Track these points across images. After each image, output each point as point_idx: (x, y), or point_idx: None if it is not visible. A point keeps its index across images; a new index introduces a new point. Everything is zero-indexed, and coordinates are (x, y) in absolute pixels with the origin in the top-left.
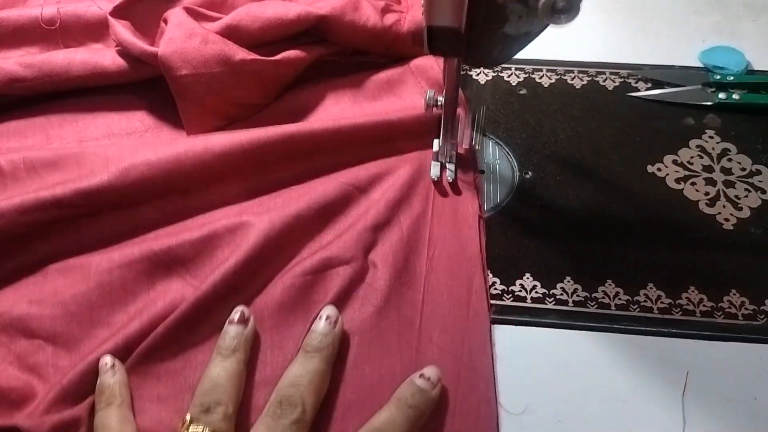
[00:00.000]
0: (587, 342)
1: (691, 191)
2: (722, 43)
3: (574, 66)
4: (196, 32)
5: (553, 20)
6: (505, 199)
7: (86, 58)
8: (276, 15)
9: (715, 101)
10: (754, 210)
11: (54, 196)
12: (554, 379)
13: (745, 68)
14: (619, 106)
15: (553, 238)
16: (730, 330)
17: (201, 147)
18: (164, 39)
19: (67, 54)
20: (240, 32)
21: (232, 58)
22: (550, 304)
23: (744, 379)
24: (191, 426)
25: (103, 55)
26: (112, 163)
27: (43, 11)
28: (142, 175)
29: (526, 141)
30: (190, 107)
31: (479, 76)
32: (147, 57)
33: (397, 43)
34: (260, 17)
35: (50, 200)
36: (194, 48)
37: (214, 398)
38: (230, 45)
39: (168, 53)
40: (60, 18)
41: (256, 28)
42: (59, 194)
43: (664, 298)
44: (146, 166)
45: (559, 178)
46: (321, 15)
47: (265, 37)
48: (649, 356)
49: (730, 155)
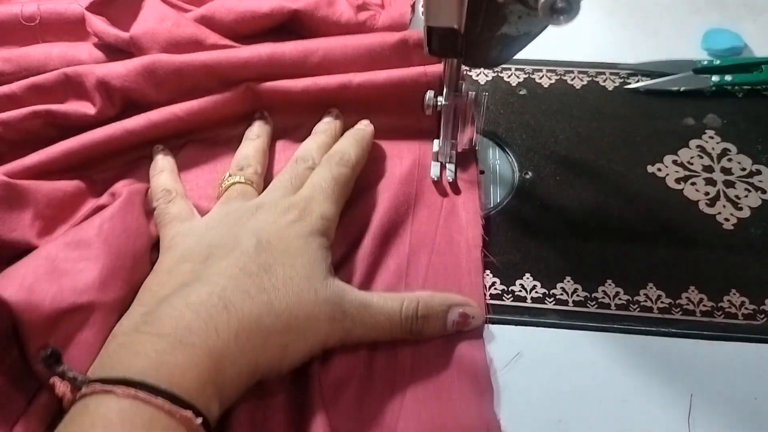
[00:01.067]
0: (587, 342)
1: (691, 191)
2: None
3: (574, 66)
4: (169, 16)
5: (552, 20)
6: (505, 200)
7: (64, 51)
8: (250, 8)
9: (709, 84)
10: (754, 210)
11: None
12: (554, 379)
13: (740, 51)
14: (619, 106)
15: (553, 238)
16: (730, 330)
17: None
18: (137, 21)
19: (45, 48)
20: (214, 23)
21: (203, 42)
22: (550, 304)
23: (744, 378)
24: (229, 178)
25: (81, 49)
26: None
27: (24, 8)
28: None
29: (526, 141)
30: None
31: (479, 77)
32: (121, 43)
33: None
34: (234, 10)
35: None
36: (166, 30)
37: (246, 162)
38: (203, 29)
39: (139, 34)
40: (40, 15)
41: (230, 20)
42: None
43: (664, 298)
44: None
45: (559, 179)
46: (294, 9)
47: (239, 29)
48: (650, 356)
49: (730, 155)
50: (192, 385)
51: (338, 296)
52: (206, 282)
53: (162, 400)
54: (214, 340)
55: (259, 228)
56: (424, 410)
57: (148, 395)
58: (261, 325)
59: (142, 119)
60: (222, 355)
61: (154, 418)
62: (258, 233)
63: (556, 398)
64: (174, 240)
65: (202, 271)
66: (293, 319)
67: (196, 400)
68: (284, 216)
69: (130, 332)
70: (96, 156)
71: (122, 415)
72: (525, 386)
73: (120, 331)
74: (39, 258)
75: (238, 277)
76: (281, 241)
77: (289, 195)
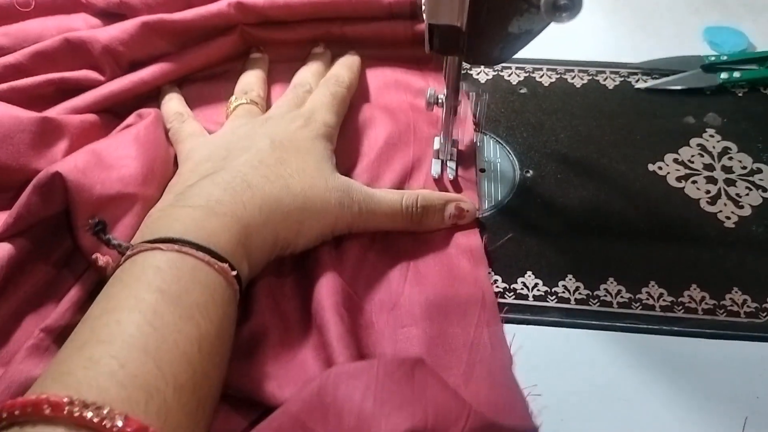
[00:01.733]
0: (589, 340)
1: (692, 189)
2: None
3: (575, 65)
4: None
5: (555, 18)
6: (506, 198)
7: (59, 23)
8: None
9: (717, 82)
10: (755, 208)
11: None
12: (556, 377)
13: (744, 49)
14: (620, 104)
15: (555, 237)
16: (732, 328)
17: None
18: None
19: (41, 21)
20: None
21: (191, 1)
22: (552, 302)
23: (746, 377)
24: (235, 101)
25: (76, 20)
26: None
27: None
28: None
29: (526, 140)
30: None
31: (480, 75)
32: (113, 6)
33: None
34: None
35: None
36: None
37: (249, 87)
38: None
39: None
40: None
41: None
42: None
43: (666, 296)
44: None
45: (560, 177)
46: None
47: None
48: (652, 354)
49: (730, 153)
50: (227, 246)
51: (346, 185)
52: (230, 170)
53: (202, 254)
54: (241, 211)
55: (271, 131)
56: (426, 279)
57: (190, 249)
58: (281, 202)
59: (156, 68)
60: (249, 224)
61: (197, 268)
62: (271, 135)
63: (557, 397)
64: (191, 152)
65: (224, 165)
66: (308, 200)
67: (231, 257)
68: (292, 123)
69: (166, 208)
70: (112, 106)
71: (169, 263)
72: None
73: (156, 209)
74: (87, 152)
75: (258, 167)
76: (292, 143)
77: (293, 110)
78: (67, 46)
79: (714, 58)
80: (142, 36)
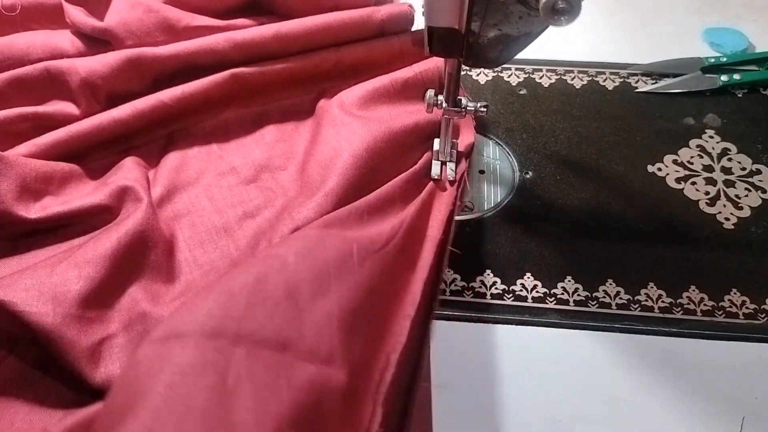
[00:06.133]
0: (588, 341)
1: (691, 191)
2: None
3: (574, 66)
4: (140, 2)
5: (553, 21)
6: (506, 199)
7: (46, 40)
8: None
9: (718, 85)
10: (754, 209)
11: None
12: (555, 378)
13: (744, 49)
14: (619, 106)
15: (554, 238)
16: (731, 329)
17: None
18: (109, 12)
19: (29, 37)
20: (185, 2)
21: (176, 26)
22: (551, 303)
23: (744, 377)
24: None
25: (62, 38)
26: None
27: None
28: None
29: (526, 141)
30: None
31: (479, 77)
32: (99, 33)
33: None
34: None
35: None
36: (137, 18)
37: None
38: (174, 11)
39: (113, 25)
40: (20, 4)
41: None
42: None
43: (665, 298)
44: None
45: (560, 178)
46: None
47: (210, 6)
48: (650, 355)
49: (730, 155)
50: None
51: None
52: None
53: None
54: None
55: None
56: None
57: None
58: None
59: (129, 108)
60: None
61: None
62: None
63: (556, 397)
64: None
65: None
66: None
67: None
68: None
69: None
70: (85, 146)
71: None
72: (525, 386)
73: None
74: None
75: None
76: None
77: None
78: (47, 76)
79: (714, 60)
80: (122, 71)
